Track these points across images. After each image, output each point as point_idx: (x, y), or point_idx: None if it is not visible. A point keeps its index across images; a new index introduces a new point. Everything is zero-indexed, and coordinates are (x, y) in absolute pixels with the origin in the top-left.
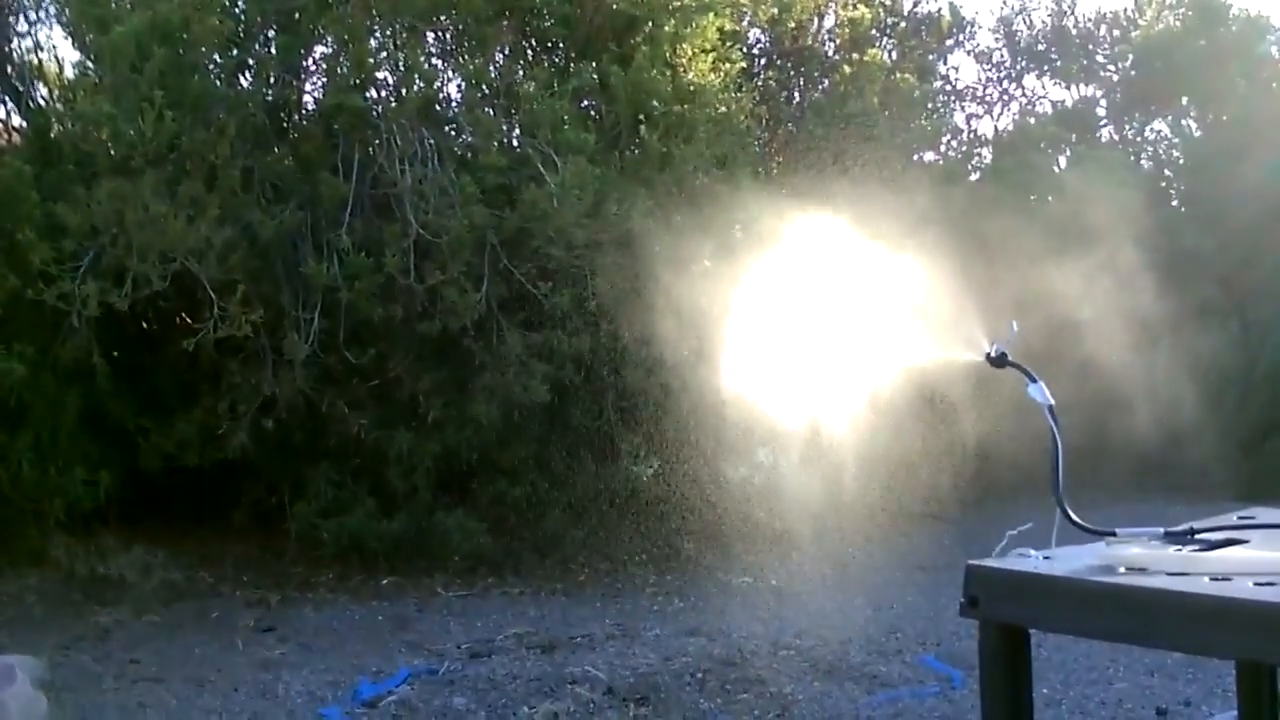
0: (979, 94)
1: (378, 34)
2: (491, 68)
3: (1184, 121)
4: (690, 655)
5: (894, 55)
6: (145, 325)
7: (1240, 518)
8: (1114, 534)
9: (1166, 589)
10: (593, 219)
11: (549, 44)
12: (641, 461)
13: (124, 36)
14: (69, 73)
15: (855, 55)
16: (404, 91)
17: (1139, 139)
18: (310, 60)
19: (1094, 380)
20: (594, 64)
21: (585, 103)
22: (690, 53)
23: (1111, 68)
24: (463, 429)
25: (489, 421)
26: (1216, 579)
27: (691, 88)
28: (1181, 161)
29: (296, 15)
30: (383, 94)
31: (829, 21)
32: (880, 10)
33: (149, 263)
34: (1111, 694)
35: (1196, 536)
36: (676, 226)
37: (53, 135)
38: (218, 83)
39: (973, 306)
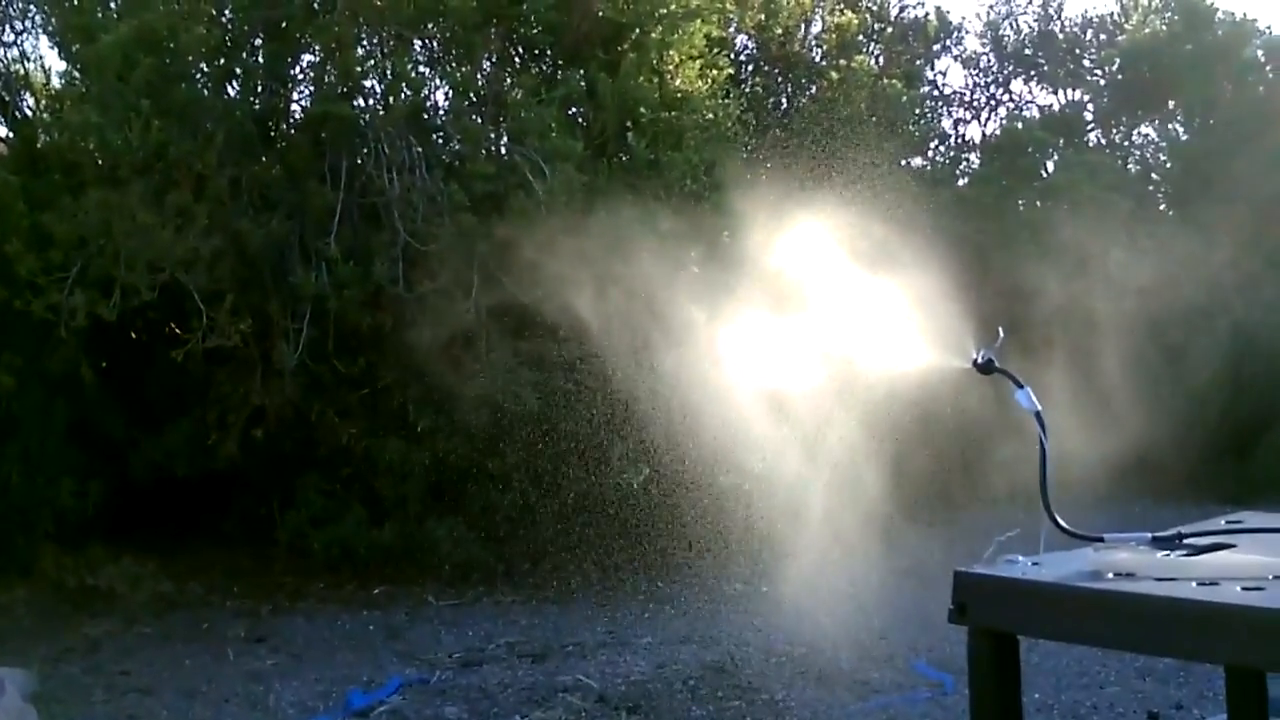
0: (966, 99)
1: (365, 42)
2: (479, 75)
3: (1171, 125)
4: (682, 663)
5: (881, 61)
6: (134, 335)
7: (1228, 522)
8: (1102, 539)
9: (1154, 594)
10: (581, 226)
11: (536, 51)
12: (632, 469)
13: (110, 46)
14: (55, 83)
15: (842, 61)
16: (391, 100)
17: (1126, 143)
18: (297, 69)
19: (1081, 383)
20: (581, 71)
21: (573, 110)
22: (677, 59)
23: (1098, 72)
24: (453, 437)
25: (479, 430)
26: (1204, 584)
27: (679, 94)
28: (1169, 165)
29: (283, 24)
30: (370, 102)
31: (816, 28)
32: (867, 16)
33: (137, 273)
34: (1103, 698)
35: (1185, 541)
36: (665, 233)
37: (39, 145)
38: (205, 92)
39: (960, 312)
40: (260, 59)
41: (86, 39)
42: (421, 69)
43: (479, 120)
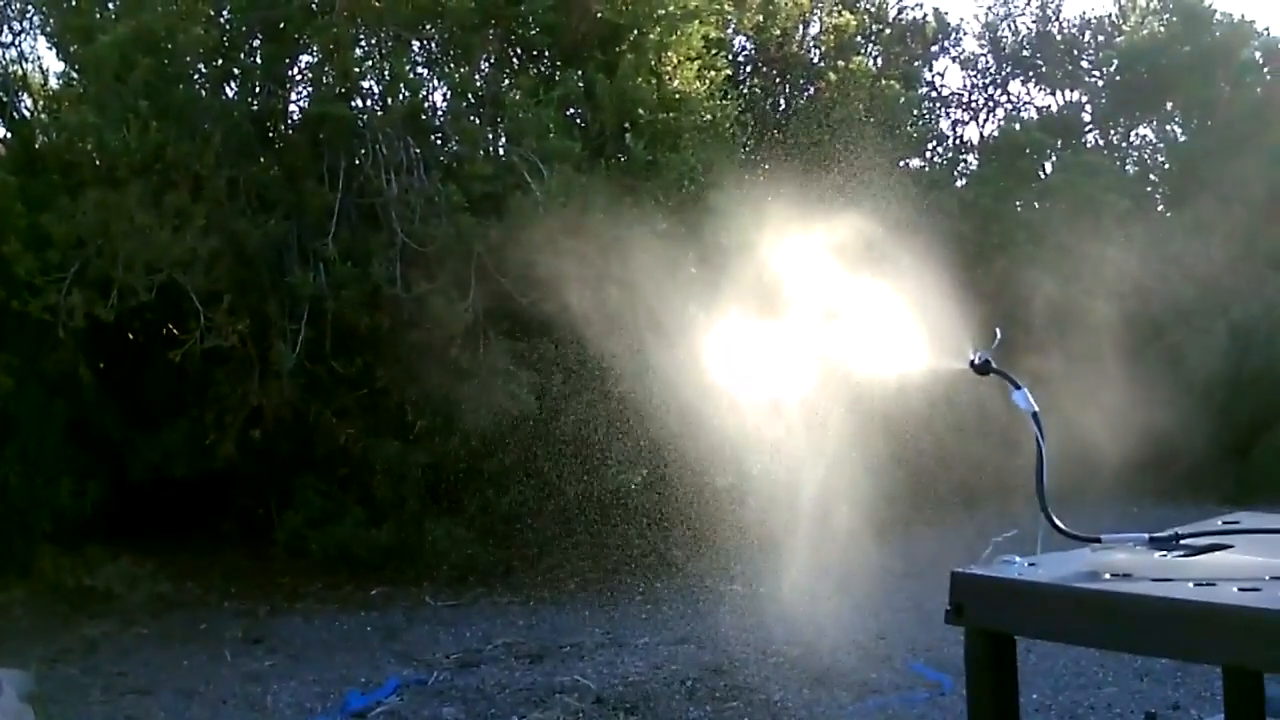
0: (964, 100)
1: (363, 43)
2: (477, 76)
3: (1169, 126)
4: (680, 663)
5: (879, 62)
6: (132, 336)
7: (1225, 523)
8: (1099, 540)
9: (1151, 595)
10: (578, 227)
11: (534, 52)
12: (630, 469)
13: (108, 47)
14: (53, 83)
15: (840, 62)
16: (389, 100)
17: (1124, 144)
18: (295, 70)
19: (1081, 384)
20: (579, 72)
21: (571, 111)
22: (675, 60)
23: (1096, 73)
24: (450, 438)
25: (476, 430)
26: (1201, 584)
27: (677, 95)
28: (1166, 166)
29: (281, 25)
30: (368, 103)
31: (814, 29)
32: (865, 17)
33: (135, 273)
34: (1101, 699)
35: (1182, 542)
36: (662, 234)
37: (37, 146)
38: (203, 92)
39: (958, 313)
40: (258, 60)
41: (84, 39)
42: (420, 70)
43: (477, 121)
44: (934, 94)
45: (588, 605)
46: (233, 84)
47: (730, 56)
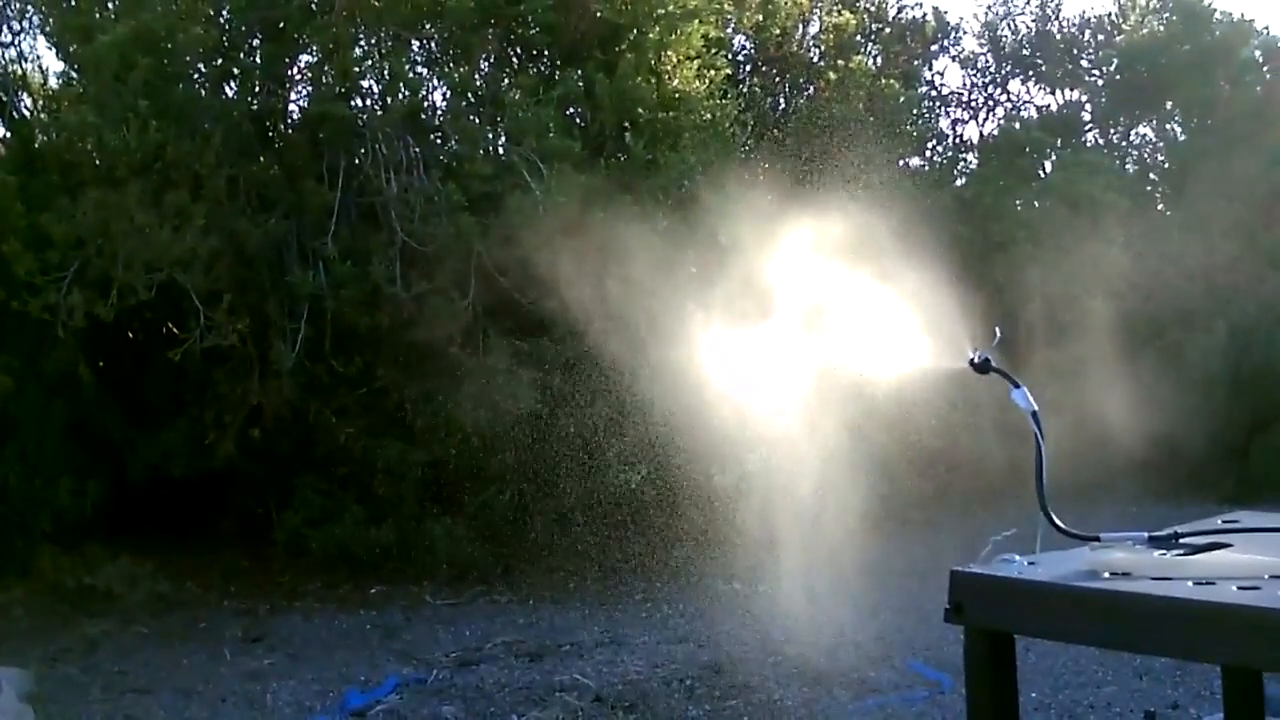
0: (964, 99)
1: (362, 43)
2: (476, 76)
3: (1169, 125)
4: (679, 662)
5: (879, 61)
6: (131, 336)
7: (1224, 521)
8: (1098, 539)
9: (1151, 594)
10: (578, 226)
11: (534, 51)
12: (630, 468)
13: (108, 46)
14: (53, 83)
15: (840, 61)
16: (389, 100)
17: (1124, 143)
18: (295, 69)
19: (1081, 383)
20: (579, 71)
21: (570, 110)
22: (675, 60)
23: (1096, 72)
24: (450, 437)
25: (476, 429)
26: (1200, 583)
27: (676, 95)
28: (1166, 165)
29: (281, 24)
30: (368, 103)
31: (814, 28)
32: (865, 16)
33: (134, 273)
34: (1100, 698)
35: (1181, 541)
36: (662, 232)
37: (37, 145)
38: (202, 92)
39: (958, 312)
40: (258, 59)
41: (84, 39)
42: (419, 69)
43: (476, 120)
44: (934, 93)
45: (587, 604)
46: (232, 83)
47: (730, 56)
